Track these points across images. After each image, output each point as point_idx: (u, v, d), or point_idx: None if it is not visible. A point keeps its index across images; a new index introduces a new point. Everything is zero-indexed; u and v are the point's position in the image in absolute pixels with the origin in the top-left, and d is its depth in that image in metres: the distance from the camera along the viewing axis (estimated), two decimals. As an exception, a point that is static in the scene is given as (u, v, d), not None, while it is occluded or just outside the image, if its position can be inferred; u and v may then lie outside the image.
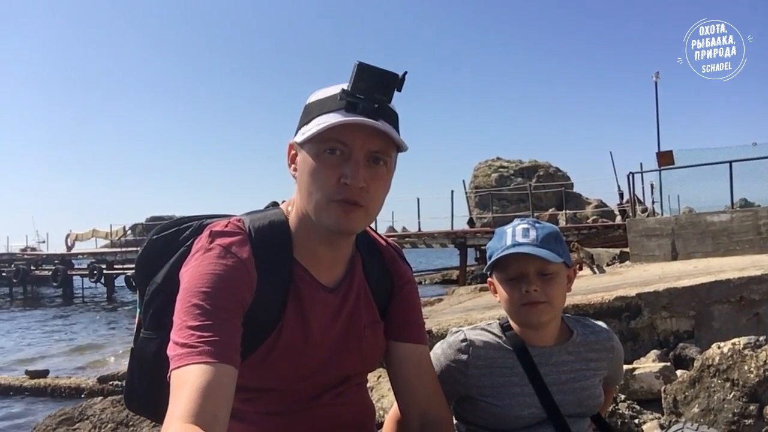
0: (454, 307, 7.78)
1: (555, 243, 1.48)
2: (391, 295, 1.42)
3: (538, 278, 1.45)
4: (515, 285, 1.47)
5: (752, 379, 3.32)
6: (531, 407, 1.46)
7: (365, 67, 1.17)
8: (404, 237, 22.15)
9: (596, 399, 1.54)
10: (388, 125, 1.19)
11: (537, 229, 1.48)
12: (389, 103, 1.20)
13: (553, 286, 1.46)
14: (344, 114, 1.16)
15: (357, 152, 1.18)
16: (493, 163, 28.97)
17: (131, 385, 1.37)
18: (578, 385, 1.50)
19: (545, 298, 1.45)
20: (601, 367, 1.56)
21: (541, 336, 1.51)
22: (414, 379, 1.37)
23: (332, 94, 1.20)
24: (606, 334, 1.59)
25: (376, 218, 1.32)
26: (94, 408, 5.05)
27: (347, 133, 1.17)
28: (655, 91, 19.39)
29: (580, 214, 23.11)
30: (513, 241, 1.47)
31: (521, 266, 1.46)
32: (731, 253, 10.00)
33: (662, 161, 15.00)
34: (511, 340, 1.51)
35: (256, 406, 1.27)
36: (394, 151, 1.24)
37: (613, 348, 1.59)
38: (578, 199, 25.55)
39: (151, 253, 1.34)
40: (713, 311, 5.10)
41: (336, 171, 1.18)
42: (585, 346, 1.54)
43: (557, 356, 1.51)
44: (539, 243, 1.45)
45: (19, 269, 34.49)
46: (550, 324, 1.51)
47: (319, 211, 1.21)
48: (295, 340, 1.25)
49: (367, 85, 1.17)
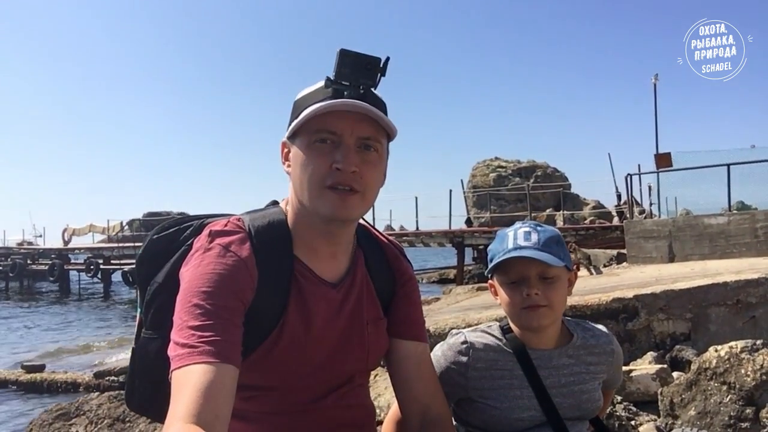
0: (451, 306, 7.78)
1: (556, 246, 1.48)
2: (393, 292, 1.42)
3: (539, 282, 1.46)
4: (516, 288, 1.47)
5: (749, 382, 3.33)
6: (530, 410, 1.46)
7: (347, 53, 1.19)
8: (402, 236, 22.14)
9: (595, 402, 1.54)
10: (374, 109, 1.20)
11: (539, 233, 1.48)
12: (374, 87, 1.22)
13: (554, 290, 1.47)
14: (331, 102, 1.18)
15: (347, 138, 1.19)
16: (491, 162, 28.95)
17: (132, 385, 1.36)
18: (578, 389, 1.50)
19: (546, 302, 1.45)
20: (600, 370, 1.56)
21: (542, 339, 1.51)
22: (415, 377, 1.38)
23: (318, 87, 1.22)
24: (606, 338, 1.60)
25: (372, 206, 1.32)
26: (90, 403, 5.04)
27: (336, 120, 1.18)
28: (654, 93, 19.41)
29: (577, 215, 23.12)
30: (515, 244, 1.47)
31: (523, 269, 1.46)
32: (728, 255, 10.01)
33: (660, 163, 15.03)
34: (511, 343, 1.51)
35: (258, 406, 1.27)
36: (384, 138, 1.25)
37: (613, 352, 1.59)
38: (576, 200, 25.56)
39: (151, 253, 1.34)
40: (710, 314, 5.12)
41: (327, 158, 1.19)
42: (585, 349, 1.55)
43: (557, 359, 1.51)
44: (541, 246, 1.45)
45: (15, 263, 34.43)
46: (551, 327, 1.51)
47: (313, 199, 1.21)
48: (298, 336, 1.25)
49: (351, 70, 1.19)
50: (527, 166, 28.29)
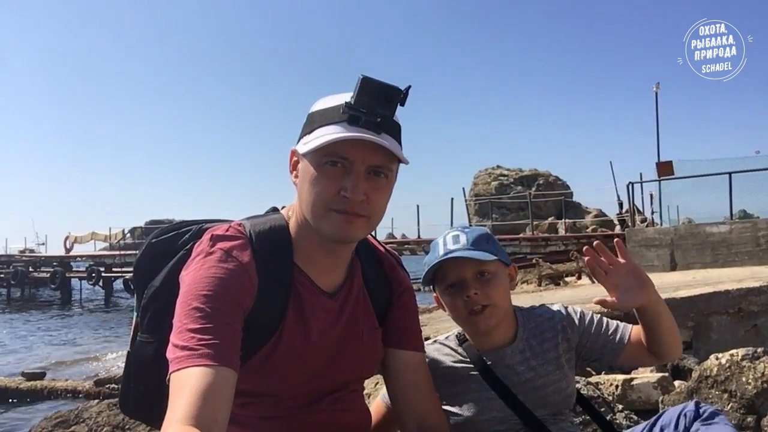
0: (452, 314, 7.76)
1: (487, 243, 1.50)
2: (389, 302, 1.42)
3: (476, 281, 1.47)
4: (456, 293, 1.49)
5: (750, 390, 3.32)
6: (492, 411, 1.47)
7: (369, 81, 1.17)
8: (404, 244, 22.15)
9: (563, 392, 1.52)
10: (390, 139, 1.19)
11: (467, 234, 1.51)
12: (392, 117, 1.20)
13: (493, 286, 1.48)
14: (346, 127, 1.16)
15: (358, 166, 1.18)
16: (493, 171, 28.98)
17: (127, 389, 1.36)
18: (540, 383, 1.49)
19: (488, 301, 1.46)
20: (558, 354, 1.52)
21: (493, 339, 1.52)
22: (411, 387, 1.38)
23: (335, 105, 1.20)
24: (550, 314, 1.56)
25: (376, 226, 1.33)
26: (90, 411, 5.02)
27: (349, 147, 1.17)
28: (656, 101, 19.45)
29: (579, 224, 23.09)
30: (445, 250, 1.49)
31: (458, 272, 1.48)
32: (730, 264, 10.00)
33: (662, 171, 15.03)
34: (466, 350, 1.53)
35: (253, 411, 1.27)
36: (395, 164, 1.24)
37: (562, 325, 1.54)
38: (578, 209, 25.54)
39: (149, 257, 1.35)
40: (712, 322, 5.11)
41: (336, 183, 1.18)
42: (534, 339, 1.53)
43: (510, 358, 1.51)
44: (470, 246, 1.48)
45: (17, 271, 34.41)
46: (501, 325, 1.51)
47: (318, 219, 1.21)
48: (295, 345, 1.25)
49: (370, 99, 1.17)
50: (529, 174, 28.31)
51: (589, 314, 1.59)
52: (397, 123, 1.22)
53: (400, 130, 1.24)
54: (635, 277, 1.42)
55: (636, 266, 1.42)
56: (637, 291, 1.41)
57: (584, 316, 1.58)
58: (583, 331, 1.55)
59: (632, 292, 1.41)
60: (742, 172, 12.95)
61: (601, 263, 1.43)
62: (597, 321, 1.57)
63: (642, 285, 1.41)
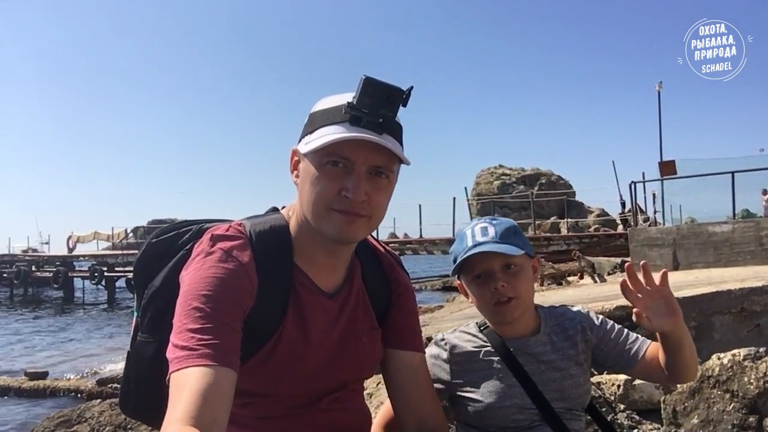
0: (454, 314, 7.78)
1: (514, 236, 1.51)
2: (389, 302, 1.42)
3: (503, 273, 1.49)
4: (483, 284, 1.50)
5: (752, 390, 3.31)
6: (513, 397, 1.47)
7: (371, 82, 1.17)
8: (406, 243, 22.17)
9: (580, 388, 1.53)
10: (391, 139, 1.19)
11: (495, 226, 1.52)
12: (394, 118, 1.20)
13: (520, 279, 1.50)
14: (348, 128, 1.16)
15: (359, 166, 1.18)
16: (495, 170, 29.00)
17: (127, 389, 1.36)
18: (559, 375, 1.51)
19: (514, 293, 1.48)
20: (577, 352, 1.55)
21: (516, 328, 1.54)
22: (411, 387, 1.38)
23: (337, 105, 1.19)
24: (571, 314, 1.59)
25: (377, 227, 1.33)
26: (92, 410, 5.05)
27: (350, 148, 1.17)
28: (658, 100, 19.44)
29: (581, 223, 23.09)
30: (474, 242, 1.50)
31: (486, 264, 1.49)
32: (733, 263, 9.98)
33: (664, 171, 15.03)
34: (488, 336, 1.55)
35: (253, 411, 1.27)
36: (396, 165, 1.24)
37: (582, 326, 1.57)
38: (580, 208, 25.54)
39: (149, 257, 1.35)
40: (714, 322, 5.09)
41: (337, 183, 1.18)
42: (555, 335, 1.56)
43: (533, 347, 1.53)
44: (499, 239, 1.49)
45: (20, 270, 34.54)
46: (524, 317, 1.53)
47: (319, 219, 1.21)
48: (295, 345, 1.25)
49: (372, 99, 1.17)
50: (531, 173, 28.31)
51: (610, 322, 1.62)
52: (398, 124, 1.22)
53: (401, 130, 1.24)
54: (667, 305, 1.41)
55: (670, 293, 1.42)
56: (666, 318, 1.41)
57: (605, 322, 1.61)
58: (603, 336, 1.58)
59: (661, 317, 1.41)
60: (745, 172, 12.94)
61: (638, 283, 1.43)
62: (617, 329, 1.59)
63: (672, 313, 1.41)
